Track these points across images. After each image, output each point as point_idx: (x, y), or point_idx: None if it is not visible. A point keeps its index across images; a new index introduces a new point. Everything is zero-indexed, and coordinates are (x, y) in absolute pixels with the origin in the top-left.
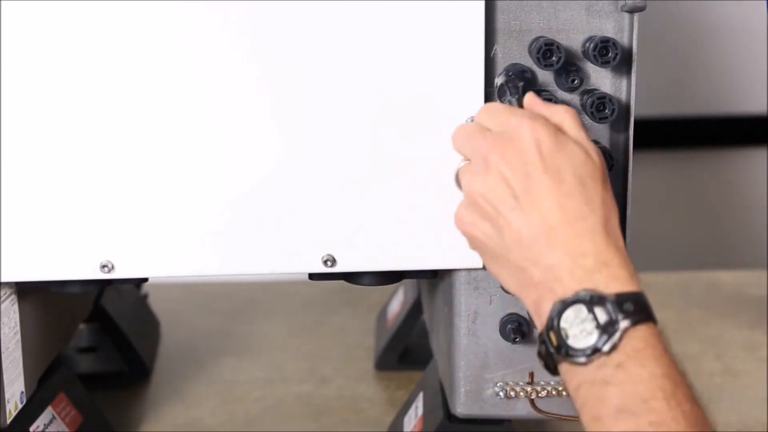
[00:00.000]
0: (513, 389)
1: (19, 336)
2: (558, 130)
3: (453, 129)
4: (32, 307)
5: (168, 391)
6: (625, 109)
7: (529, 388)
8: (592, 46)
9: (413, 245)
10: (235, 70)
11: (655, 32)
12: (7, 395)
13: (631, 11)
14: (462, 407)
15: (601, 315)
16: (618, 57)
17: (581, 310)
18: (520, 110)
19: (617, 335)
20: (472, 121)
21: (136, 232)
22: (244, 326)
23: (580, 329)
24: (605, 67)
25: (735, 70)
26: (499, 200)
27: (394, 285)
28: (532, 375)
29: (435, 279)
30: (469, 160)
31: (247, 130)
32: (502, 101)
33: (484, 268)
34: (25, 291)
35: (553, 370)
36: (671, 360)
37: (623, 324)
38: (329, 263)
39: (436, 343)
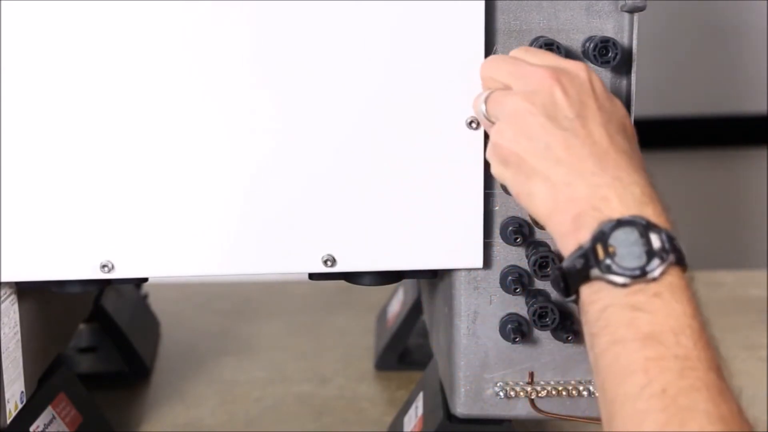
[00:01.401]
0: (513, 389)
1: (19, 336)
2: None
3: (453, 129)
4: (32, 307)
5: (168, 391)
6: (625, 108)
7: (529, 388)
8: (592, 46)
9: (413, 245)
10: (236, 70)
11: (655, 32)
12: (7, 395)
13: (631, 11)
14: (462, 407)
15: (656, 242)
16: (618, 57)
17: (633, 232)
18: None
19: (665, 265)
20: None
21: (136, 232)
22: (244, 326)
23: (629, 251)
24: (605, 67)
25: (735, 70)
26: (549, 116)
27: (394, 285)
28: (532, 375)
29: (435, 279)
30: (497, 89)
31: (247, 130)
32: None
33: (484, 268)
34: (25, 291)
35: (568, 290)
36: (699, 305)
37: (671, 257)
38: (329, 263)
39: (436, 343)
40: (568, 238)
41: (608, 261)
